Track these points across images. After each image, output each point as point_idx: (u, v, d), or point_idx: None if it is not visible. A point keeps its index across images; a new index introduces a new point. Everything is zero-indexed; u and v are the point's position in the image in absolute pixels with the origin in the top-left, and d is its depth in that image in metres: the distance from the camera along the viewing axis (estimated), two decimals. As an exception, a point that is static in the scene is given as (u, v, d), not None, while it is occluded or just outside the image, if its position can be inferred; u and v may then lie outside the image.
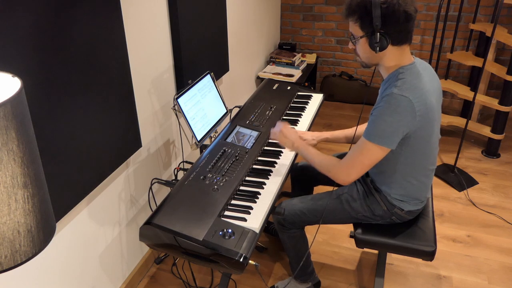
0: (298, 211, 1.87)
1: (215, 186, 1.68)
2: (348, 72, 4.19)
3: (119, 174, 1.96)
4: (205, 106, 2.12)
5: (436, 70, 3.46)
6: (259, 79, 3.71)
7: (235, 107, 2.39)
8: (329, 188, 1.97)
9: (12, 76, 0.79)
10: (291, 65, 3.77)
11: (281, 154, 1.98)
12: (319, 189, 2.16)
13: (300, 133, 2.00)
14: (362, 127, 1.99)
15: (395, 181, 1.71)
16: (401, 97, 1.48)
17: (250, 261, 1.43)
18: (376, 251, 2.41)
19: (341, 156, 1.86)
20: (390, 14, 1.45)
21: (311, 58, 4.02)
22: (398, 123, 1.50)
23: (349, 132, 2.03)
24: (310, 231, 2.53)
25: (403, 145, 1.59)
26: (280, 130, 1.87)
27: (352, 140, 1.98)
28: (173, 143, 2.44)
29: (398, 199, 1.75)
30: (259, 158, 1.95)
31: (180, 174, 2.37)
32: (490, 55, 3.34)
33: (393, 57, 1.56)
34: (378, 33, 1.48)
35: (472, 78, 3.61)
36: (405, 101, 1.48)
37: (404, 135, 1.54)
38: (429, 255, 1.76)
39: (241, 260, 1.40)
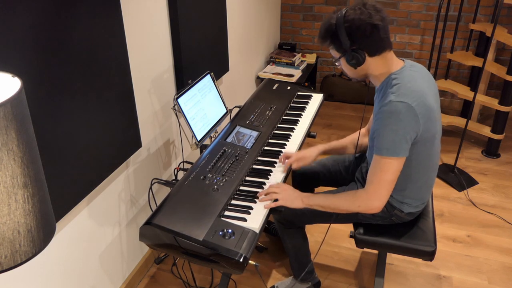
0: (298, 211, 1.87)
1: (215, 186, 1.68)
2: (348, 72, 4.19)
3: (119, 174, 1.96)
4: (205, 106, 2.12)
5: (436, 70, 3.46)
6: (259, 79, 3.71)
7: (235, 107, 2.39)
8: (330, 189, 1.97)
9: (12, 76, 0.79)
10: (291, 65, 3.76)
11: (281, 154, 1.97)
12: (320, 189, 2.16)
13: (296, 154, 1.92)
14: (354, 136, 2.00)
15: (398, 183, 1.70)
16: (400, 103, 1.48)
17: (250, 261, 1.43)
18: (376, 251, 2.41)
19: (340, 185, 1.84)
20: (355, 31, 1.51)
21: (311, 58, 4.02)
22: (404, 129, 1.50)
23: (346, 141, 2.01)
24: (310, 231, 2.53)
25: (409, 151, 1.58)
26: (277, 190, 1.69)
27: (356, 146, 1.97)
28: (173, 143, 2.44)
29: (399, 200, 1.74)
30: (259, 158, 1.94)
31: (180, 174, 2.37)
32: (490, 55, 3.34)
33: (378, 66, 1.59)
34: (351, 51, 1.54)
35: (472, 78, 3.61)
36: (405, 107, 1.48)
37: (412, 140, 1.54)
38: (429, 255, 1.76)
39: (241, 260, 1.40)
